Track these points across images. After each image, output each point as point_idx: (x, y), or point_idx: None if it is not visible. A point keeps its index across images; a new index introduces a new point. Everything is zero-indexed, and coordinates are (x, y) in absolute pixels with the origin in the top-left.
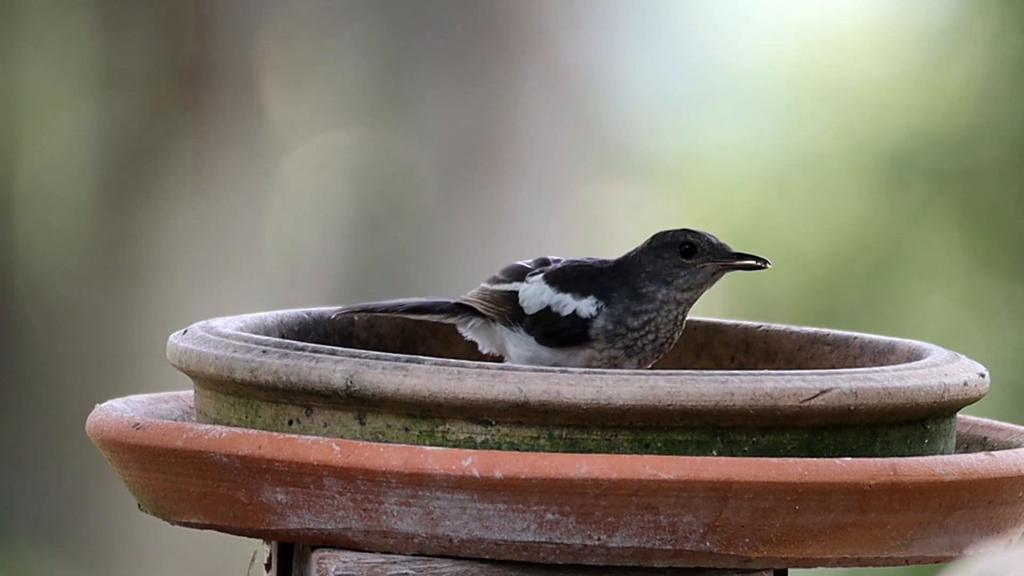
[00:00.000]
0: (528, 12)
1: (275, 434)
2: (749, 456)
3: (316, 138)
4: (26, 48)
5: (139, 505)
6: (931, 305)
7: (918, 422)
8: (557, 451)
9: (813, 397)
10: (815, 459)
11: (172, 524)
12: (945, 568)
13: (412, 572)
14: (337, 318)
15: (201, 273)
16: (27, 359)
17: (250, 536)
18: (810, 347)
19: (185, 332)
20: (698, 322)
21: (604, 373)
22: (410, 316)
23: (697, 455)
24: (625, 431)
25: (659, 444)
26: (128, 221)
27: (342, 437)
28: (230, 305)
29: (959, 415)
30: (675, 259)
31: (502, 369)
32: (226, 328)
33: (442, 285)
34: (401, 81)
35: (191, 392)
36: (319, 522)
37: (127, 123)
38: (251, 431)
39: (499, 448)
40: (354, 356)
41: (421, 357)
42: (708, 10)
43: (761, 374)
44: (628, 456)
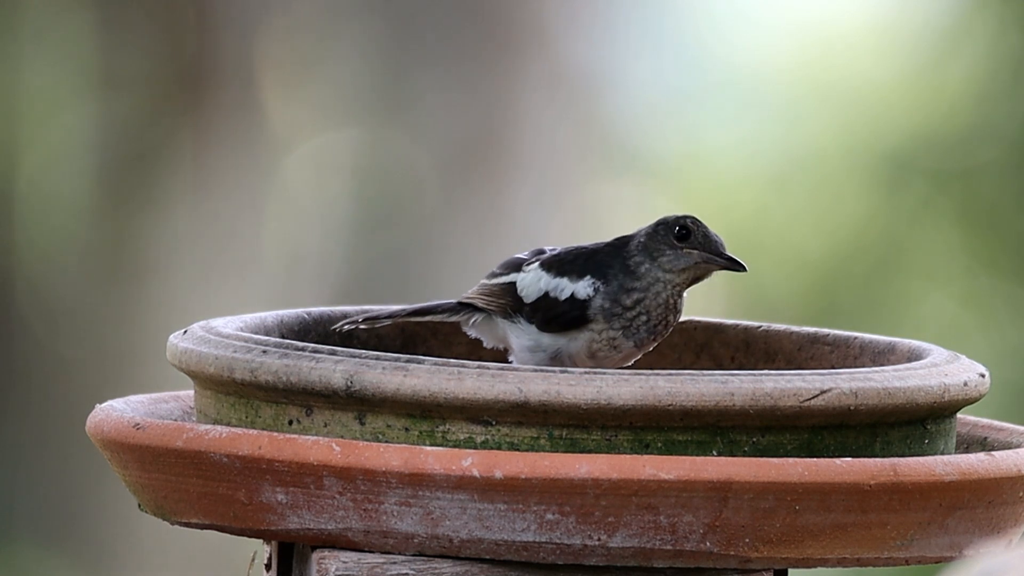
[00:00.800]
0: (528, 12)
1: (275, 434)
2: (749, 456)
3: (316, 138)
4: (26, 48)
5: (139, 505)
6: (931, 305)
7: (918, 422)
8: (557, 451)
9: (813, 397)
10: (815, 459)
11: (172, 524)
12: (945, 568)
13: (412, 572)
14: (342, 331)
15: (201, 273)
16: (27, 359)
17: (250, 536)
18: (810, 347)
19: (185, 332)
20: (698, 322)
21: (604, 373)
22: (413, 319)
23: (697, 455)
24: (625, 431)
25: (659, 444)
26: (128, 221)
27: (342, 437)
28: (230, 305)
29: (959, 415)
30: (668, 238)
31: (502, 369)
32: (226, 328)
33: (442, 285)
34: (401, 81)
35: (191, 392)
36: (319, 522)
37: (127, 123)
38: (251, 431)
39: (499, 448)
40: (354, 356)
41: (421, 357)
42: (708, 10)
43: (761, 374)
44: (628, 456)
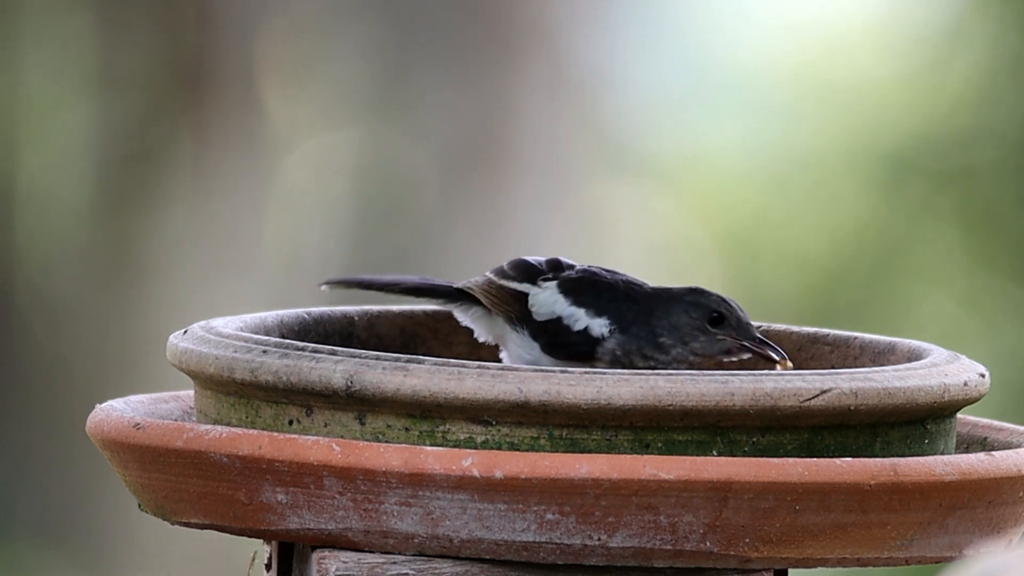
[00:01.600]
0: (529, 12)
1: (275, 434)
2: (749, 456)
3: (316, 138)
4: (26, 48)
5: (139, 505)
6: (931, 305)
7: (918, 422)
8: (557, 451)
9: (813, 397)
10: (815, 459)
11: (172, 524)
12: (945, 568)
13: (412, 572)
14: (326, 289)
15: (201, 273)
16: (27, 359)
17: (250, 536)
18: (810, 347)
19: (185, 332)
20: None
21: (604, 373)
22: (407, 296)
23: (697, 455)
24: (625, 431)
25: (659, 444)
26: (128, 221)
27: (342, 437)
28: (230, 305)
29: (959, 415)
30: (700, 323)
31: (502, 369)
32: (226, 328)
33: None
34: (401, 81)
35: (191, 392)
36: (319, 522)
37: (127, 123)
38: (251, 431)
39: (499, 448)
40: (354, 356)
41: (421, 357)
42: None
43: (761, 374)
44: (628, 456)
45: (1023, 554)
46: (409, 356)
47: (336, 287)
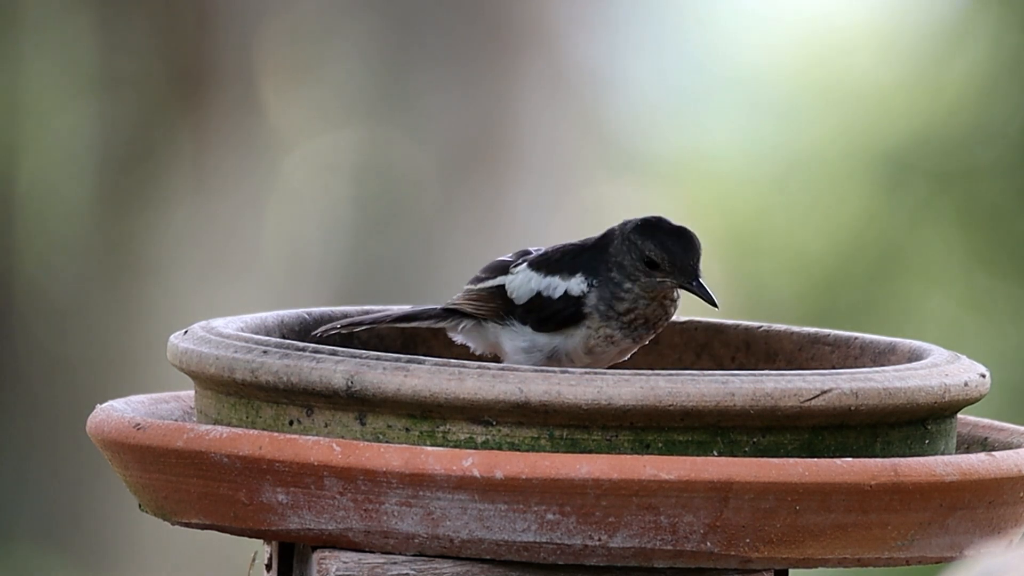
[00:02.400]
0: (529, 12)
1: (276, 434)
2: (750, 456)
3: (316, 139)
4: (26, 48)
5: (140, 505)
6: (932, 305)
7: (919, 422)
8: (558, 451)
9: (814, 397)
10: (816, 459)
11: (172, 524)
12: (945, 568)
13: (413, 572)
14: (323, 336)
15: (201, 273)
16: (27, 359)
17: (250, 536)
18: (811, 347)
19: (186, 332)
20: (699, 322)
21: (605, 373)
22: (398, 325)
23: (698, 455)
24: (626, 431)
25: (660, 444)
26: (128, 221)
27: (343, 437)
28: (230, 305)
29: (959, 415)
30: (639, 265)
31: (503, 369)
32: (227, 328)
33: (442, 286)
34: (401, 81)
35: (192, 392)
36: (320, 522)
37: (127, 123)
38: (252, 431)
39: (500, 448)
40: (355, 356)
41: (422, 357)
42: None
43: (762, 374)
44: (629, 456)
45: (1023, 554)
46: (410, 356)
47: (331, 334)
